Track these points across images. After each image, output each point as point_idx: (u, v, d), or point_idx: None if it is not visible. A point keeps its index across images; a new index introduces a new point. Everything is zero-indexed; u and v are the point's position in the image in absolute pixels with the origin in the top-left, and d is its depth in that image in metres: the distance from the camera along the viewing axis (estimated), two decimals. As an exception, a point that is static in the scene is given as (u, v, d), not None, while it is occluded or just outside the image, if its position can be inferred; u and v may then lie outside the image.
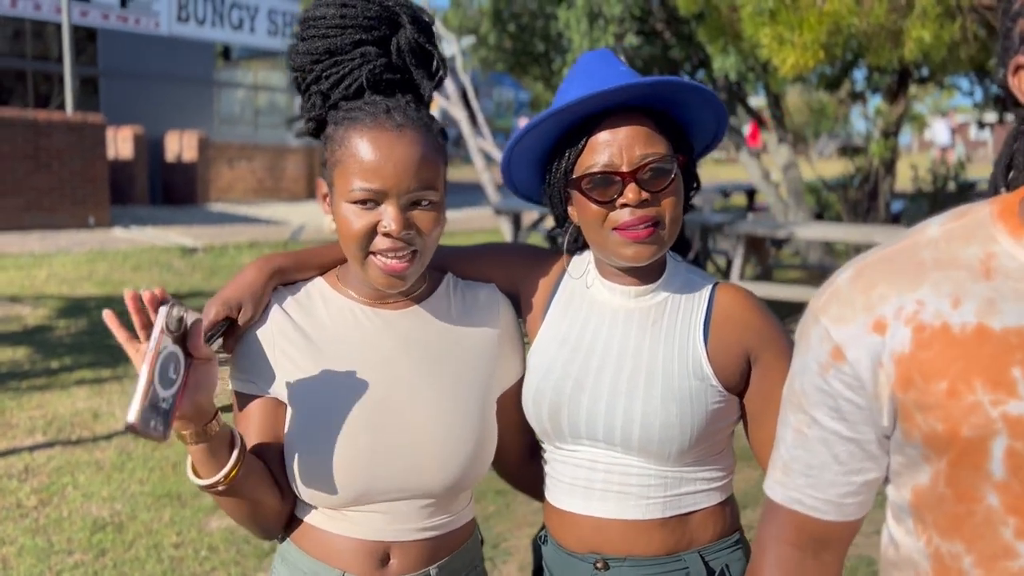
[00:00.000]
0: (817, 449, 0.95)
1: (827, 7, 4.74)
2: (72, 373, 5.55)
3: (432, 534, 1.29)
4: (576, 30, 8.60)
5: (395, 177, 1.18)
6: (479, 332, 1.35)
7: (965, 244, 0.89)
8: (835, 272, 0.97)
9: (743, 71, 7.86)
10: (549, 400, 1.31)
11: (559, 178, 1.30)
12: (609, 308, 1.34)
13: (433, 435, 1.25)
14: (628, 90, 1.22)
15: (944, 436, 0.85)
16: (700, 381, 1.27)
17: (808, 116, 25.49)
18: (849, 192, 9.66)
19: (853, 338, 0.90)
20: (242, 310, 1.25)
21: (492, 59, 10.82)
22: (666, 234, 1.26)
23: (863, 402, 0.91)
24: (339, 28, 1.22)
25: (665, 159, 1.25)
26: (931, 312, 0.87)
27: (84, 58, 14.92)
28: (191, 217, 13.09)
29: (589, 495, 1.31)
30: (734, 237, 7.17)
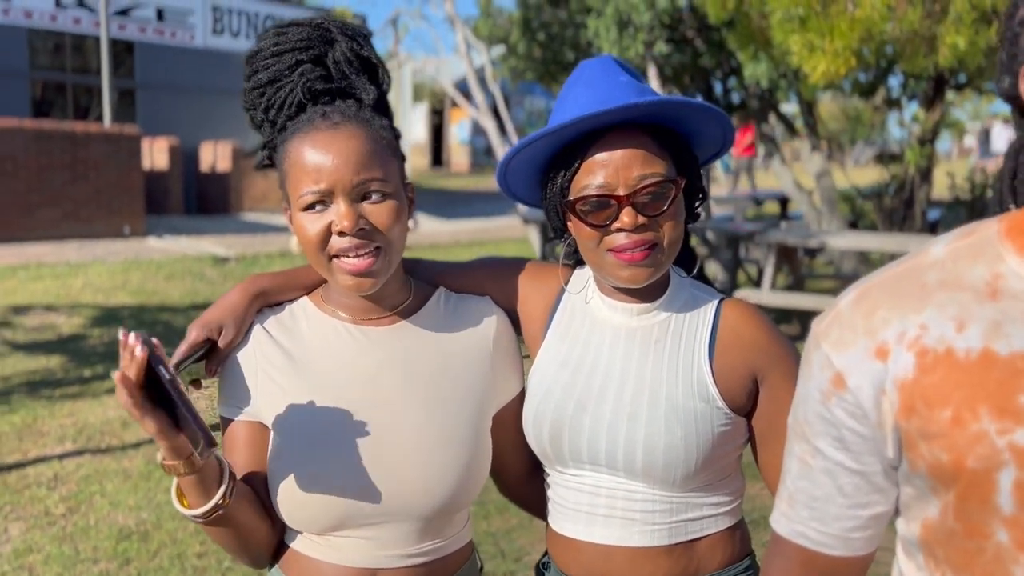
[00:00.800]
0: (821, 480, 0.91)
1: (859, 13, 4.65)
2: (104, 382, 5.63)
3: (422, 560, 1.25)
4: (605, 39, 8.57)
5: (335, 172, 1.16)
6: (472, 347, 1.32)
7: (971, 264, 0.84)
8: (839, 295, 0.93)
9: (774, 78, 7.78)
10: (550, 423, 1.27)
11: (555, 194, 1.26)
12: (610, 327, 1.30)
13: (420, 456, 1.22)
14: (625, 111, 1.18)
15: (949, 467, 0.81)
16: (705, 403, 1.22)
17: (844, 123, 25.18)
18: (884, 200, 9.49)
19: (854, 364, 0.86)
20: (223, 332, 1.23)
21: (522, 68, 10.83)
22: (664, 256, 1.22)
23: (867, 431, 0.87)
24: (276, 56, 1.24)
25: (664, 181, 1.20)
26: (935, 336, 0.83)
27: (122, 71, 15.21)
28: (224, 227, 13.26)
29: (592, 521, 1.26)
30: (765, 246, 7.07)
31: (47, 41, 14.76)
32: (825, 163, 9.45)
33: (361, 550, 1.22)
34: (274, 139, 1.26)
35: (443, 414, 1.25)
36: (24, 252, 10.08)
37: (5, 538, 3.50)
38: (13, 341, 6.48)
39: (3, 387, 5.43)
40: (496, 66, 11.40)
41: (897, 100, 10.56)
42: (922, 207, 9.05)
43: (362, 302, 1.28)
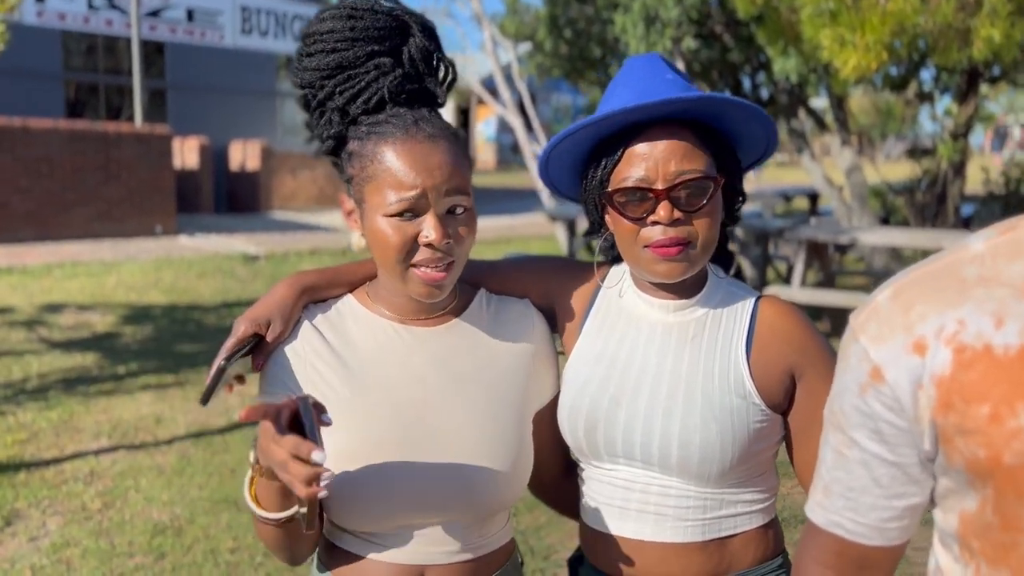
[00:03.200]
0: (857, 471, 0.91)
1: (890, 6, 4.59)
2: (137, 379, 5.72)
3: (468, 556, 1.25)
4: (632, 35, 8.53)
5: (432, 181, 1.16)
6: (513, 348, 1.32)
7: (1010, 260, 0.84)
8: (876, 289, 0.93)
9: (804, 73, 7.70)
10: (585, 417, 1.27)
11: (595, 187, 1.27)
12: (647, 322, 1.30)
13: (467, 455, 1.22)
14: (669, 104, 1.18)
15: (986, 463, 0.81)
16: (742, 399, 1.22)
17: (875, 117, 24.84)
18: (916, 196, 9.36)
19: (892, 358, 0.86)
20: (271, 327, 1.23)
21: (548, 65, 10.81)
22: (697, 254, 1.22)
23: (904, 424, 0.87)
24: (350, 41, 1.21)
25: (703, 177, 1.20)
26: (973, 332, 0.82)
27: (153, 71, 15.41)
28: (254, 225, 13.39)
29: (625, 516, 1.27)
30: (795, 242, 7.00)
31: (80, 43, 14.99)
32: (855, 158, 9.33)
33: (407, 548, 1.22)
34: (343, 130, 1.24)
35: (489, 414, 1.25)
36: (59, 251, 10.26)
37: (44, 532, 3.57)
38: (49, 339, 6.61)
39: (40, 384, 5.53)
40: (522, 63, 11.39)
41: (929, 94, 10.40)
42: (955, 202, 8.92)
43: (410, 302, 1.28)
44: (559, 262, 1.41)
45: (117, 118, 15.43)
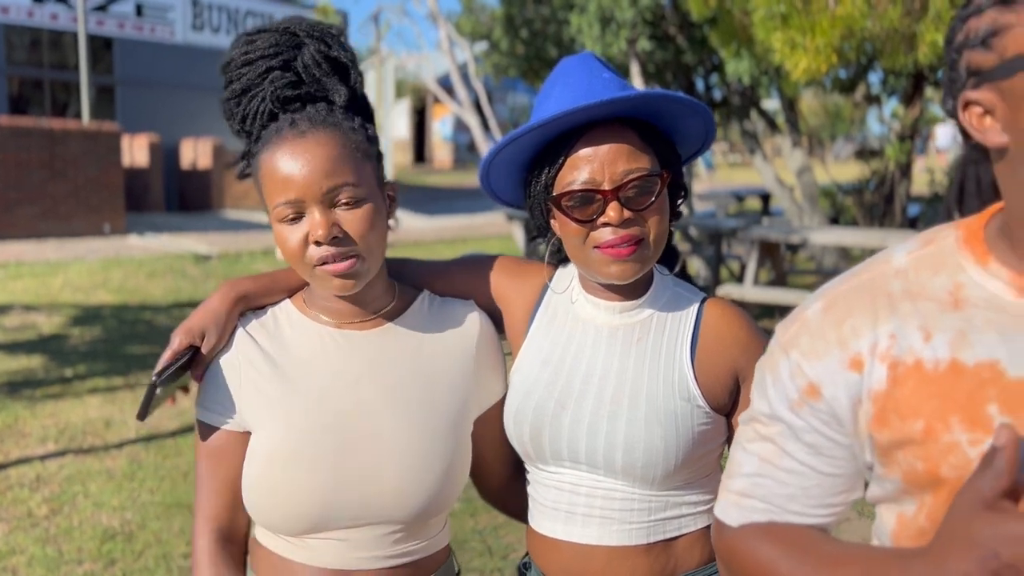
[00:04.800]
0: (789, 480, 0.92)
1: (839, 11, 4.69)
2: (85, 382, 5.58)
3: (398, 562, 1.24)
4: (588, 35, 8.58)
5: (304, 181, 1.16)
6: (454, 351, 1.32)
7: (933, 274, 0.86)
8: (801, 303, 0.94)
9: (756, 75, 7.82)
10: (530, 421, 1.26)
11: (539, 192, 1.26)
12: (593, 325, 1.29)
13: (398, 462, 1.21)
14: (612, 104, 1.17)
15: (924, 475, 0.82)
16: (686, 402, 1.22)
17: (824, 119, 25.34)
18: (865, 196, 9.57)
19: (829, 375, 0.87)
20: (206, 338, 1.23)
21: (504, 65, 10.83)
22: (650, 252, 1.22)
23: (843, 439, 0.88)
24: (247, 65, 1.23)
25: (649, 175, 1.20)
26: (904, 347, 0.84)
27: (100, 67, 15.06)
28: (206, 224, 13.17)
29: (571, 520, 1.26)
30: (748, 242, 7.11)
31: (24, 37, 14.58)
32: (806, 159, 9.51)
33: (335, 552, 1.22)
34: (251, 149, 1.25)
35: (423, 420, 1.25)
36: (2, 251, 9.97)
37: (-13, 540, 3.47)
38: (-8, 341, 6.42)
39: (-17, 387, 5.37)
40: (479, 62, 11.39)
41: (877, 96, 10.64)
42: (902, 202, 9.14)
43: (345, 306, 1.28)
44: (506, 262, 1.39)
45: (63, 115, 15.04)
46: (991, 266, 0.83)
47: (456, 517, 3.62)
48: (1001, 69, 0.79)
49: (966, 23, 0.83)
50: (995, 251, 0.84)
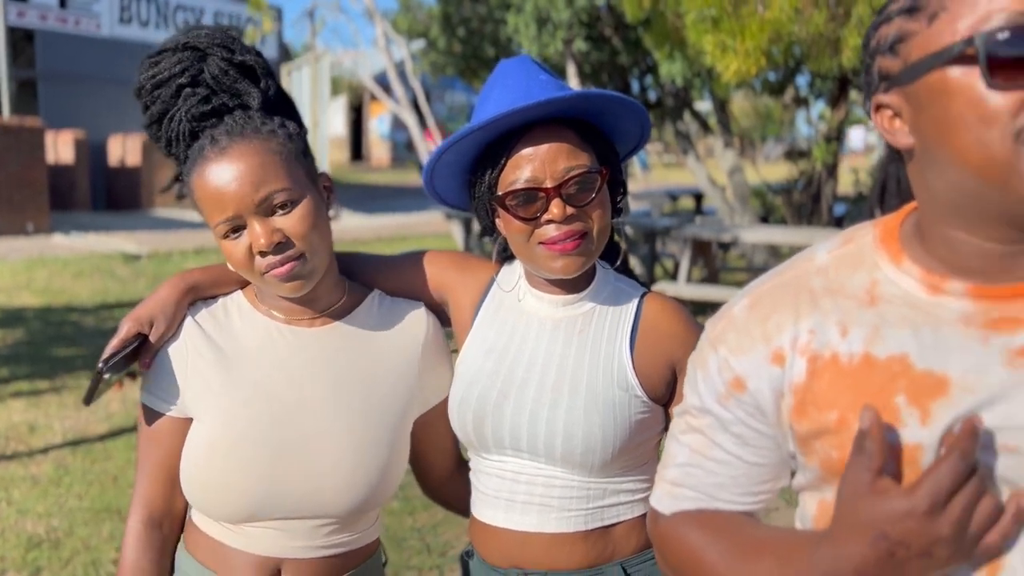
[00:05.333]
0: (718, 471, 0.96)
1: (768, 15, 4.82)
2: (8, 385, 5.39)
3: (330, 552, 1.28)
4: (525, 35, 8.63)
5: (235, 196, 1.18)
6: (400, 351, 1.35)
7: (852, 271, 0.90)
8: (730, 300, 0.98)
9: (689, 77, 7.97)
10: (473, 410, 1.30)
11: (483, 192, 1.29)
12: (536, 318, 1.33)
13: (336, 459, 1.25)
14: (550, 104, 1.21)
15: (839, 463, 0.86)
16: (624, 391, 1.27)
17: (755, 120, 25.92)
18: (793, 196, 9.84)
19: (753, 369, 0.91)
20: (154, 326, 1.25)
21: (442, 63, 10.81)
22: (594, 246, 1.26)
23: (767, 430, 0.92)
24: (159, 88, 1.24)
25: (589, 172, 1.24)
26: (822, 342, 0.88)
27: (21, 60, 14.52)
28: (135, 223, 12.82)
29: (511, 508, 1.30)
30: (681, 241, 7.26)
31: (-61, 28, 13.97)
32: (737, 159, 9.73)
33: (271, 540, 1.26)
34: (181, 170, 1.27)
35: (364, 418, 1.28)
36: (-83, 251, 9.54)
37: (-97, 551, 3.33)
38: (-93, 345, 6.14)
39: None
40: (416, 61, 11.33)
41: (805, 99, 10.95)
42: (828, 202, 9.42)
43: (295, 303, 1.30)
44: (453, 257, 1.43)
45: (-18, 109, 14.45)
46: (904, 264, 0.87)
47: (395, 515, 3.61)
48: (906, 74, 0.83)
49: (878, 30, 0.88)
50: (908, 249, 0.88)
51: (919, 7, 0.82)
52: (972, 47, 0.76)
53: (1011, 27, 0.75)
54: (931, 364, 0.83)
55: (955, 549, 0.76)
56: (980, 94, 0.77)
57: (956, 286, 0.84)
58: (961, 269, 0.84)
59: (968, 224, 0.82)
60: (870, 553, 0.78)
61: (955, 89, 0.78)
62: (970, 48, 0.77)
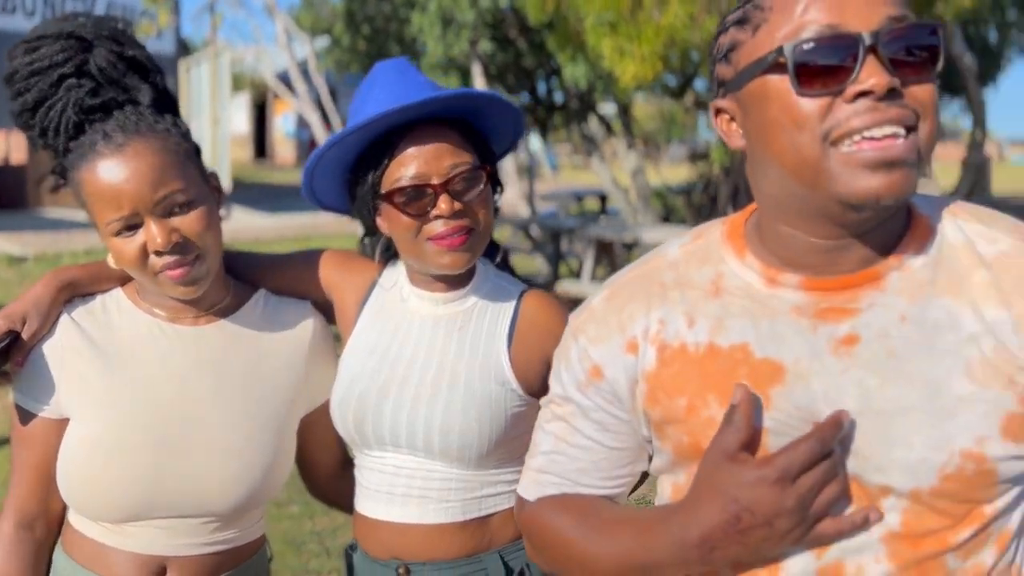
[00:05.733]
0: (580, 456, 1.00)
1: (663, 21, 4.97)
2: None
3: (214, 549, 1.28)
4: (430, 35, 8.62)
5: (135, 195, 1.17)
6: (286, 351, 1.35)
7: (700, 265, 0.96)
8: (592, 293, 1.02)
9: (592, 79, 8.12)
10: (354, 408, 1.32)
11: (367, 191, 1.31)
12: (418, 316, 1.36)
13: (220, 457, 1.25)
14: (433, 103, 1.24)
15: (688, 447, 0.92)
16: (501, 386, 1.30)
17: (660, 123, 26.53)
18: (693, 196, 10.14)
19: (610, 358, 0.96)
20: (27, 323, 1.22)
21: (347, 61, 10.67)
22: (480, 241, 1.30)
23: (625, 416, 0.97)
24: (36, 75, 1.21)
25: (474, 169, 1.28)
26: (671, 332, 0.93)
27: None
28: (20, 223, 12.18)
29: (391, 501, 1.32)
30: (585, 240, 7.39)
31: None
32: (640, 161, 9.96)
33: (153, 539, 1.24)
34: (62, 163, 1.23)
35: (248, 417, 1.28)
36: None
37: None
38: None
39: None
40: (320, 58, 11.15)
41: (704, 102, 11.29)
42: (725, 203, 9.75)
43: (180, 301, 1.29)
44: (337, 257, 1.44)
45: None
46: (747, 258, 0.93)
47: (294, 519, 3.56)
48: (735, 80, 0.89)
49: (717, 39, 0.94)
50: (751, 245, 0.94)
51: (747, 18, 0.88)
52: (783, 56, 0.82)
53: (816, 38, 0.81)
54: (768, 352, 0.88)
55: (794, 523, 0.82)
56: (792, 100, 0.83)
57: (790, 278, 0.90)
58: (793, 263, 0.89)
59: (794, 221, 0.88)
60: (719, 517, 0.83)
61: (772, 95, 0.84)
62: (781, 57, 0.83)
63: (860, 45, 0.80)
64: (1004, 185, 22.75)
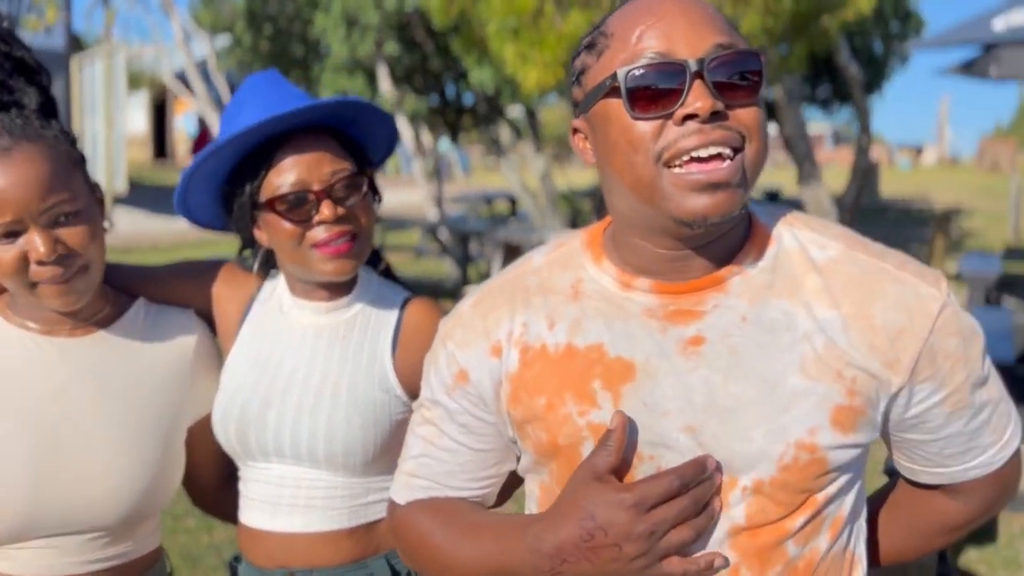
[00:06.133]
0: (446, 459, 1.03)
1: (564, 29, 5.04)
2: None
3: (107, 565, 1.25)
4: (334, 36, 8.52)
5: (20, 202, 1.13)
6: (169, 359, 1.33)
7: (562, 271, 1.00)
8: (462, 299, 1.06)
9: (499, 83, 8.17)
10: (236, 420, 1.32)
11: (245, 202, 1.30)
12: (300, 325, 1.36)
13: (104, 469, 1.22)
14: (308, 111, 1.25)
15: (547, 444, 0.96)
16: (385, 393, 1.32)
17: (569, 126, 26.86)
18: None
19: (476, 361, 0.99)
20: None
21: (249, 61, 10.41)
22: (364, 246, 1.31)
23: (489, 418, 1.00)
24: None
25: (354, 175, 1.29)
26: (533, 334, 0.97)
27: None
28: None
29: (276, 511, 1.32)
30: (494, 243, 7.45)
31: None
32: (548, 165, 10.09)
33: (39, 560, 1.21)
34: None
35: (134, 427, 1.26)
36: None
37: None
38: None
39: None
40: (221, 58, 10.87)
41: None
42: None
43: (55, 313, 1.25)
44: (218, 266, 1.43)
45: None
46: (604, 264, 0.98)
47: (191, 533, 3.47)
48: (584, 102, 0.94)
49: (573, 62, 0.98)
50: (607, 252, 0.99)
51: (594, 44, 0.93)
52: (617, 81, 0.87)
53: (647, 65, 0.86)
54: (621, 352, 0.93)
55: (642, 551, 0.86)
56: (628, 123, 0.88)
57: (642, 283, 0.95)
58: (644, 270, 0.95)
59: (641, 233, 0.93)
60: (574, 531, 0.87)
61: (612, 118, 0.89)
62: (616, 82, 0.87)
63: (687, 71, 0.85)
64: (892, 187, 23.99)
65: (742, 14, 4.71)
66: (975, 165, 37.75)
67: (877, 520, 1.09)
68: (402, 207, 15.02)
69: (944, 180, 29.05)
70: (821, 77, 12.11)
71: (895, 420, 0.95)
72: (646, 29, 0.87)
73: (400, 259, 10.77)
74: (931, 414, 0.94)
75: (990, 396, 0.96)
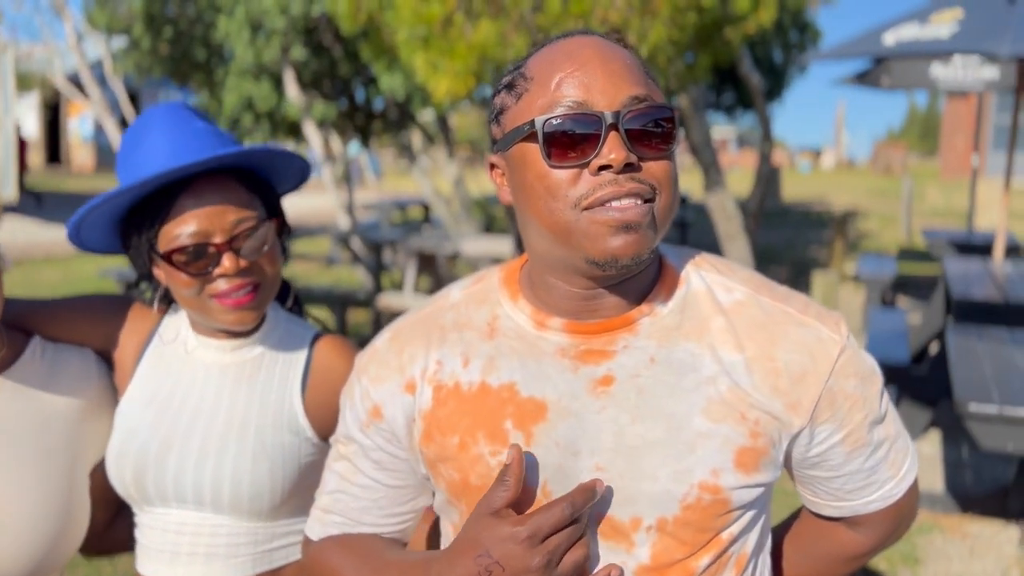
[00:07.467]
0: (360, 495, 1.03)
1: (474, 38, 5.02)
2: None
3: None
4: (239, 40, 8.29)
5: None
6: (68, 402, 1.26)
7: (479, 306, 1.00)
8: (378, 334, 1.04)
9: (410, 90, 8.09)
10: (132, 463, 1.25)
11: (142, 245, 1.24)
12: (203, 364, 1.31)
13: (9, 516, 1.16)
14: (217, 160, 1.19)
15: (459, 484, 0.95)
16: (294, 435, 1.27)
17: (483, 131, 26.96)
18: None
19: (389, 397, 0.98)
20: None
21: (147, 64, 10.02)
22: (268, 296, 1.26)
23: (402, 454, 1.00)
24: None
25: (259, 223, 1.24)
26: (448, 372, 0.97)
27: None
28: None
29: (175, 560, 1.27)
30: (407, 252, 7.36)
31: None
32: (461, 171, 10.05)
33: None
34: None
35: (36, 473, 1.19)
36: None
37: None
38: None
39: None
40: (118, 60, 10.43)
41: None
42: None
43: None
44: (115, 303, 1.37)
45: None
46: (520, 302, 0.97)
47: (93, 567, 3.29)
48: (502, 142, 0.93)
49: (493, 99, 0.97)
50: (523, 290, 0.98)
51: (514, 85, 0.92)
52: (535, 128, 0.87)
53: (564, 115, 0.86)
54: (533, 391, 0.93)
55: None
56: (545, 169, 0.88)
57: (556, 322, 0.95)
58: (558, 309, 0.95)
59: (555, 272, 0.93)
60: (471, 567, 0.86)
61: (530, 162, 0.89)
62: (533, 129, 0.87)
63: (603, 122, 0.86)
64: (794, 190, 24.91)
65: (650, 26, 4.79)
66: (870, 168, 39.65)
67: (782, 550, 1.11)
68: (312, 212, 14.71)
69: (841, 183, 30.33)
70: (725, 85, 12.46)
71: (798, 459, 0.98)
72: (565, 77, 0.87)
73: (311, 268, 10.55)
74: (832, 453, 0.96)
75: (887, 433, 0.99)
